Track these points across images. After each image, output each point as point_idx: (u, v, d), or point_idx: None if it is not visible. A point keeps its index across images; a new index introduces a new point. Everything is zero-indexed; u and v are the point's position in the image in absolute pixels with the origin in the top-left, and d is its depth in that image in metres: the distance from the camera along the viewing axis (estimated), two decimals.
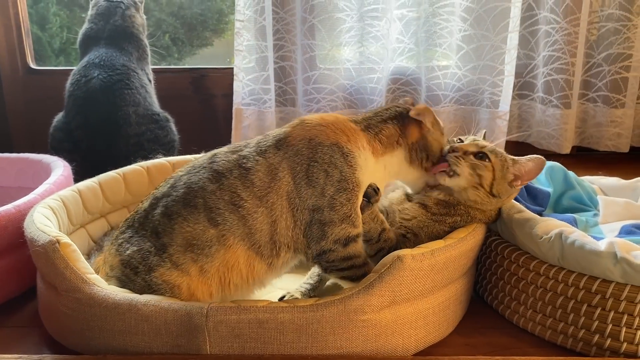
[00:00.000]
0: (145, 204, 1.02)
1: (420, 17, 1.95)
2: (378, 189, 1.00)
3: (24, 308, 1.17)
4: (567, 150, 1.95)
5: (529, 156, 1.08)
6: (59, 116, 1.76)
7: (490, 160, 1.06)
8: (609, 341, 0.96)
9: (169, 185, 1.00)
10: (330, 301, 0.91)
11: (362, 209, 0.99)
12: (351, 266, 0.98)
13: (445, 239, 1.02)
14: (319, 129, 0.98)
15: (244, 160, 0.96)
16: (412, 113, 1.04)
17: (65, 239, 1.00)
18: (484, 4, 1.90)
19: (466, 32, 1.93)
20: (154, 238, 0.96)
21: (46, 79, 2.14)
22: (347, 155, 0.96)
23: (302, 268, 1.13)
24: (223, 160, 0.97)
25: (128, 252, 0.98)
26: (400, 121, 1.05)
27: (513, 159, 1.09)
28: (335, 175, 0.94)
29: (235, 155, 0.98)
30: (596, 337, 0.97)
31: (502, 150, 1.11)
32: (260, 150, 0.97)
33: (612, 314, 0.95)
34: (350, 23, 1.96)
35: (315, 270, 1.15)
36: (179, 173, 1.02)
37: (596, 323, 0.97)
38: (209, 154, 1.03)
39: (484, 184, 1.05)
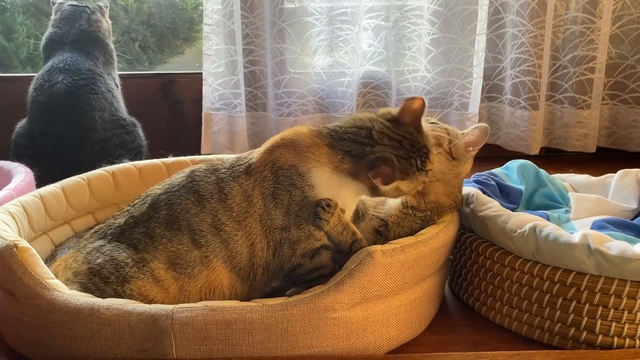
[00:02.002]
0: (120, 220, 1.00)
1: (389, 21, 1.95)
2: (329, 204, 0.95)
3: None
4: (536, 151, 1.97)
5: (475, 125, 1.13)
6: (22, 122, 1.71)
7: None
8: (584, 334, 0.96)
9: (147, 205, 0.99)
10: (299, 299, 0.88)
11: (316, 226, 0.96)
12: (319, 276, 0.97)
13: (416, 235, 1.00)
14: (278, 153, 0.98)
15: (223, 185, 0.97)
16: (371, 174, 0.92)
17: (23, 243, 0.96)
18: (451, 7, 1.91)
19: (434, 35, 1.94)
20: (131, 251, 0.95)
21: (9, 86, 2.08)
22: (304, 175, 0.96)
23: None
24: (203, 182, 0.98)
25: (98, 260, 0.95)
26: (359, 163, 0.95)
27: (462, 133, 1.12)
28: (297, 194, 0.95)
29: (214, 177, 0.98)
30: (572, 331, 0.97)
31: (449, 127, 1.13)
32: (235, 175, 0.98)
33: (587, 306, 0.95)
34: (319, 27, 1.96)
35: None
36: (156, 191, 1.01)
37: (572, 316, 0.96)
38: (187, 171, 1.02)
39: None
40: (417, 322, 1.01)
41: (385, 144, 0.96)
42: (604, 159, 2.00)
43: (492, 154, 2.04)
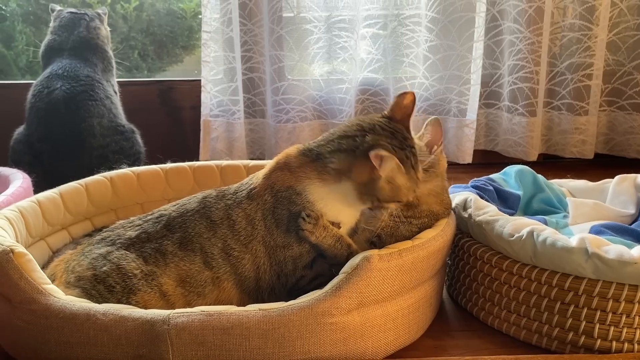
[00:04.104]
0: (131, 233, 1.02)
1: (387, 28, 1.96)
2: (309, 215, 0.96)
3: None
4: (534, 157, 1.97)
5: (426, 122, 1.11)
6: (20, 129, 1.71)
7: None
8: (583, 338, 0.95)
9: (162, 225, 1.02)
10: (296, 305, 0.88)
11: (302, 239, 0.98)
12: (319, 284, 0.97)
13: (413, 239, 1.00)
14: (275, 176, 1.02)
15: (230, 211, 1.01)
16: (372, 155, 0.92)
17: (19, 248, 0.95)
18: (449, 15, 1.92)
19: (432, 42, 1.95)
20: (140, 261, 0.97)
21: (8, 92, 2.08)
22: (301, 194, 0.99)
23: None
24: (214, 208, 1.02)
25: (104, 268, 0.96)
26: (351, 155, 0.96)
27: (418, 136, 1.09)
28: (298, 211, 0.98)
29: (222, 203, 1.03)
30: (570, 335, 0.96)
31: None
32: (238, 201, 1.02)
33: (585, 310, 0.95)
34: (318, 34, 1.96)
35: None
36: (171, 213, 1.04)
37: (570, 320, 0.96)
38: (199, 196, 1.06)
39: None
40: (415, 326, 1.00)
41: (378, 132, 0.96)
42: (602, 165, 2.00)
43: (490, 160, 2.05)
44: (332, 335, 0.89)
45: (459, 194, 1.20)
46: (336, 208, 0.99)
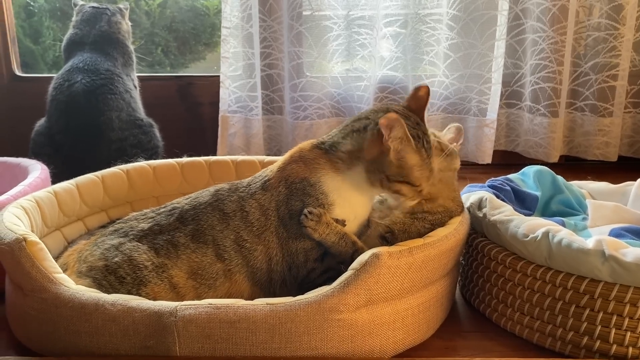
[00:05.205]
0: (144, 225, 1.03)
1: (407, 25, 1.94)
2: (311, 212, 0.97)
3: None
4: (555, 159, 1.94)
5: (448, 127, 1.19)
6: (41, 121, 1.74)
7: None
8: (598, 343, 0.93)
9: (174, 218, 1.03)
10: (304, 300, 0.87)
11: (306, 235, 0.98)
12: (330, 278, 0.97)
13: (424, 237, 0.98)
14: (290, 169, 1.03)
15: (243, 203, 1.03)
16: (380, 121, 0.92)
17: (32, 237, 0.96)
18: (470, 12, 1.89)
19: (453, 40, 1.93)
20: (151, 253, 0.98)
21: (32, 85, 2.12)
22: (315, 185, 1.00)
23: None
24: (227, 200, 1.04)
25: (116, 259, 0.97)
26: (362, 133, 0.98)
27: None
28: (311, 202, 0.99)
29: (235, 195, 1.04)
30: (585, 339, 0.94)
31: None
32: (252, 192, 1.04)
33: (600, 314, 0.92)
34: (337, 31, 1.95)
35: None
36: (184, 206, 1.05)
37: (585, 324, 0.94)
38: (212, 190, 1.07)
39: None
40: (425, 326, 0.99)
41: (392, 111, 0.98)
42: (625, 169, 1.95)
43: (510, 161, 2.02)
44: (340, 332, 0.88)
45: (475, 193, 1.18)
46: (350, 198, 1.01)
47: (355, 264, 0.91)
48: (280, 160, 1.08)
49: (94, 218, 1.35)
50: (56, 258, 1.04)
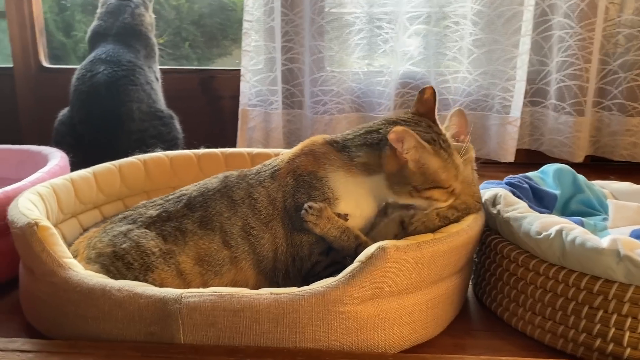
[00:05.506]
0: (152, 212, 1.04)
1: (430, 20, 1.91)
2: (312, 206, 0.97)
3: (11, 294, 1.13)
4: (580, 159, 1.89)
5: (450, 114, 1.11)
6: (64, 111, 1.76)
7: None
8: (611, 346, 0.90)
9: (182, 204, 1.04)
10: (309, 291, 0.86)
11: (307, 230, 0.98)
12: (335, 271, 0.95)
13: (435, 232, 0.97)
14: (299, 161, 1.04)
15: (252, 190, 1.03)
16: (389, 137, 0.92)
17: (44, 222, 0.98)
18: (495, 7, 1.86)
19: (477, 36, 1.89)
20: (159, 240, 0.99)
21: (59, 76, 2.15)
22: (322, 180, 1.00)
23: None
24: (236, 187, 1.04)
25: (124, 245, 0.98)
26: (377, 148, 0.98)
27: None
28: (317, 196, 0.99)
29: (244, 183, 1.05)
30: (598, 342, 0.91)
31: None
32: (261, 180, 1.04)
33: (614, 316, 0.89)
34: (359, 25, 1.94)
35: None
36: (192, 193, 1.06)
37: (598, 326, 0.91)
38: (220, 176, 1.08)
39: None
40: (433, 323, 0.97)
41: (401, 122, 0.98)
42: None
43: (534, 160, 1.97)
44: (344, 325, 0.87)
45: (490, 190, 1.15)
46: (357, 196, 1.00)
47: (361, 256, 0.90)
48: (291, 151, 1.08)
49: (111, 206, 1.36)
50: (70, 244, 1.06)
